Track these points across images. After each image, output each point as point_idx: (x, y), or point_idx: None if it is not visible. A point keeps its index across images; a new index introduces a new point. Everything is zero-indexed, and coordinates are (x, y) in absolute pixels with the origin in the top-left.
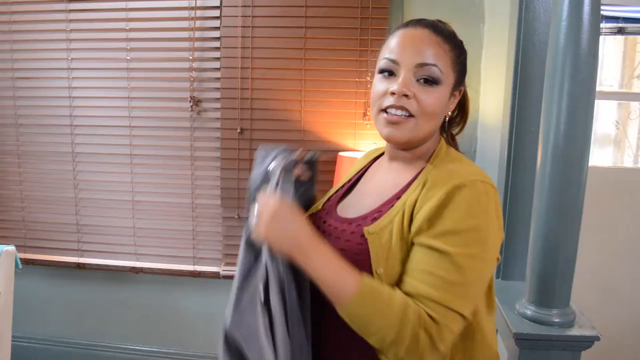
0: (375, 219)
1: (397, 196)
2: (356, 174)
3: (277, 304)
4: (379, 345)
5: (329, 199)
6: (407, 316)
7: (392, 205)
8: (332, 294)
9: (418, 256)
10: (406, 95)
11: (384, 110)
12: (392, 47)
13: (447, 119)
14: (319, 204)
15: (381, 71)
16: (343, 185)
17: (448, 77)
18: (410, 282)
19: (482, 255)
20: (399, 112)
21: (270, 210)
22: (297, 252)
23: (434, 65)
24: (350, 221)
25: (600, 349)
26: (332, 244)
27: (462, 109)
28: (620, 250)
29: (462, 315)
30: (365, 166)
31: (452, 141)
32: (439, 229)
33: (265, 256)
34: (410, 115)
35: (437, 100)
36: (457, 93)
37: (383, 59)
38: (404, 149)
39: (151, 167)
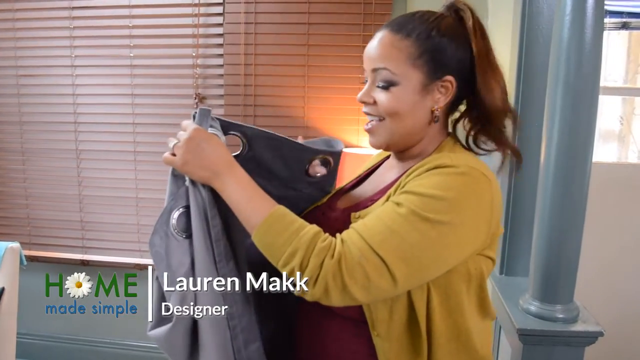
0: (366, 207)
1: (390, 185)
2: (366, 171)
3: (199, 229)
4: (288, 272)
5: (335, 193)
6: (314, 243)
7: (385, 194)
8: (244, 219)
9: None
10: (366, 102)
11: None
12: None
13: (436, 113)
14: (325, 198)
15: None
16: (351, 181)
17: (406, 75)
18: (357, 222)
19: (443, 228)
20: (369, 118)
21: (186, 137)
22: (212, 178)
23: (384, 68)
24: (343, 210)
25: (604, 344)
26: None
27: (478, 107)
28: (624, 246)
29: (387, 267)
30: (376, 164)
31: (464, 141)
32: (405, 189)
33: (187, 182)
34: (381, 119)
35: (396, 100)
36: (446, 84)
37: None
38: (397, 151)
39: (155, 164)
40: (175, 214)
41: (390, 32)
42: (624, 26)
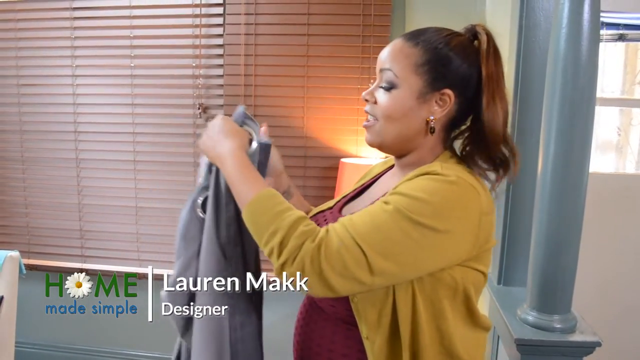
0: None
1: (385, 193)
2: (370, 180)
3: (210, 210)
4: (268, 252)
5: (339, 201)
6: (297, 225)
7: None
8: (238, 199)
9: None
10: (368, 100)
11: None
12: None
13: (431, 124)
14: (330, 203)
15: None
16: (355, 189)
17: (407, 80)
18: (345, 217)
19: (425, 231)
20: (368, 117)
21: (210, 123)
22: (216, 159)
23: (388, 69)
24: (342, 217)
25: (601, 355)
26: None
27: (478, 128)
28: (621, 256)
29: (367, 259)
30: (380, 173)
31: (458, 156)
32: (395, 190)
33: (204, 164)
34: (377, 119)
35: (393, 102)
36: (444, 97)
37: None
38: (396, 155)
39: (154, 174)
40: (203, 195)
41: (403, 39)
42: (621, 38)
